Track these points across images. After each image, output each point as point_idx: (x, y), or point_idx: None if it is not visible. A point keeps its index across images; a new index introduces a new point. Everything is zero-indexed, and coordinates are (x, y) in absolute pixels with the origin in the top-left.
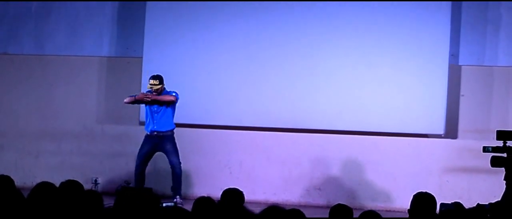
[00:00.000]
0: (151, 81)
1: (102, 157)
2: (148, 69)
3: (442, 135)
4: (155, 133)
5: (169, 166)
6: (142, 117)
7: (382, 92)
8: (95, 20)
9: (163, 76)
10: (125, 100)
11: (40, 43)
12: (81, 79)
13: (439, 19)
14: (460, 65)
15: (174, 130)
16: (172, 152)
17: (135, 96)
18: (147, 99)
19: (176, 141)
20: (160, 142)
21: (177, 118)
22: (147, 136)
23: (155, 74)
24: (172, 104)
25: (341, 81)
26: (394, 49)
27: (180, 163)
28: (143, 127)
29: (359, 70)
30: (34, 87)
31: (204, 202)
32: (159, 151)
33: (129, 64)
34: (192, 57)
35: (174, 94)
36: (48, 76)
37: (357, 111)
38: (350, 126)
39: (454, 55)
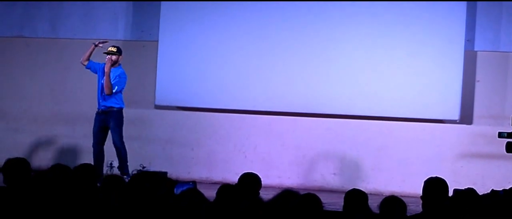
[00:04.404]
0: (111, 48)
1: None
2: (164, 52)
3: (457, 121)
4: (102, 109)
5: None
6: (158, 101)
7: (397, 77)
8: (110, 3)
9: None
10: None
11: (55, 26)
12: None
13: (455, 5)
14: (476, 51)
15: (123, 109)
16: (114, 130)
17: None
18: (107, 68)
19: (123, 120)
20: (106, 118)
21: (192, 102)
22: (96, 113)
23: (120, 48)
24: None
25: (356, 66)
26: (410, 34)
27: (120, 143)
28: (158, 111)
29: (374, 55)
30: (49, 71)
31: (228, 189)
32: (107, 127)
33: (144, 47)
34: (208, 40)
35: (116, 88)
36: (63, 59)
37: (372, 96)
38: (365, 111)
39: (469, 41)
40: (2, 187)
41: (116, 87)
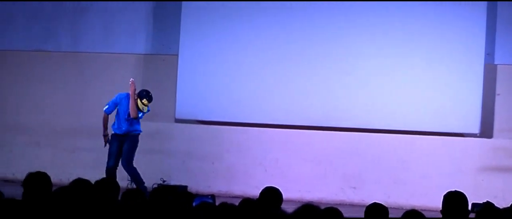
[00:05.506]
0: (145, 102)
1: (137, 154)
2: (184, 66)
3: (478, 134)
4: (123, 132)
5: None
6: (178, 115)
7: (417, 91)
8: (131, 17)
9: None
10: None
11: (76, 40)
12: (117, 76)
13: (475, 18)
14: (496, 64)
15: (139, 135)
16: (125, 154)
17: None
18: (131, 91)
19: (137, 145)
20: (124, 140)
21: (212, 116)
22: (113, 135)
23: (151, 94)
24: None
25: (377, 80)
26: (429, 48)
27: (128, 166)
28: (178, 124)
29: (394, 69)
30: (70, 84)
31: (249, 203)
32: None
33: (164, 61)
34: (227, 54)
35: (140, 114)
36: (83, 73)
37: (393, 110)
38: (385, 125)
39: (489, 54)
40: (23, 201)
41: (141, 113)
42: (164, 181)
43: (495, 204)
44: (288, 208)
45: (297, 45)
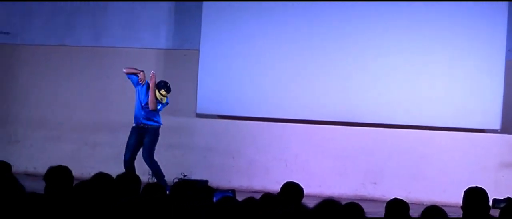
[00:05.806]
0: (163, 92)
1: (158, 148)
2: (205, 61)
3: (499, 130)
4: (142, 125)
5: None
6: (199, 110)
7: (438, 86)
8: (152, 12)
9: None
10: (126, 70)
11: (97, 35)
12: None
13: (496, 15)
14: None
15: (159, 128)
16: (147, 146)
17: (138, 75)
18: (151, 84)
19: (158, 139)
20: (144, 133)
21: (233, 111)
22: (133, 128)
23: (169, 85)
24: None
25: (397, 75)
26: (450, 44)
27: (149, 159)
28: (199, 119)
29: (415, 65)
30: (91, 79)
31: (270, 198)
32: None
33: (185, 56)
34: (248, 50)
35: (159, 106)
36: (105, 68)
37: (413, 106)
38: (406, 120)
39: (511, 50)
40: (45, 195)
41: (160, 105)
42: (185, 176)
43: None
44: (309, 203)
45: (318, 40)
